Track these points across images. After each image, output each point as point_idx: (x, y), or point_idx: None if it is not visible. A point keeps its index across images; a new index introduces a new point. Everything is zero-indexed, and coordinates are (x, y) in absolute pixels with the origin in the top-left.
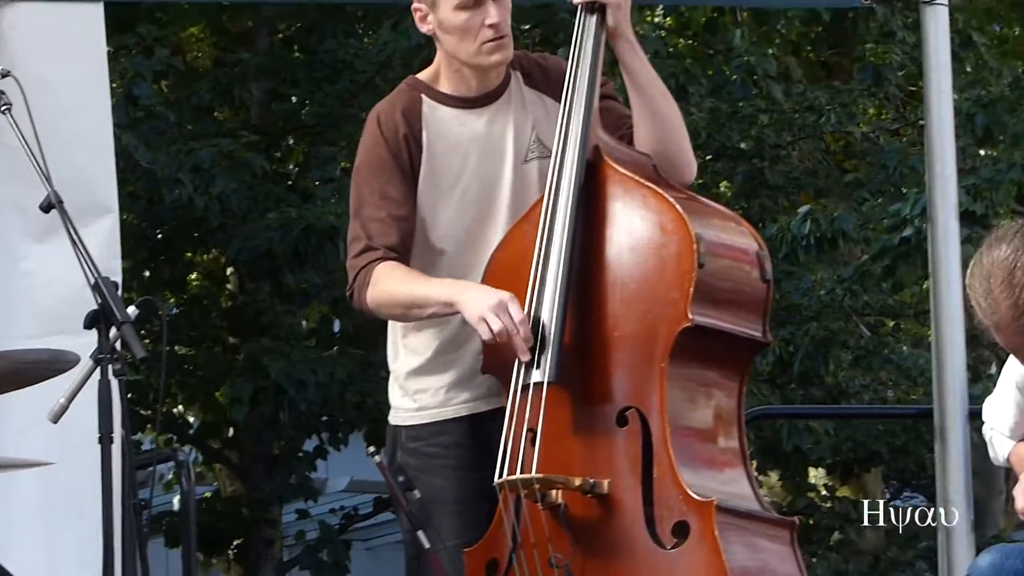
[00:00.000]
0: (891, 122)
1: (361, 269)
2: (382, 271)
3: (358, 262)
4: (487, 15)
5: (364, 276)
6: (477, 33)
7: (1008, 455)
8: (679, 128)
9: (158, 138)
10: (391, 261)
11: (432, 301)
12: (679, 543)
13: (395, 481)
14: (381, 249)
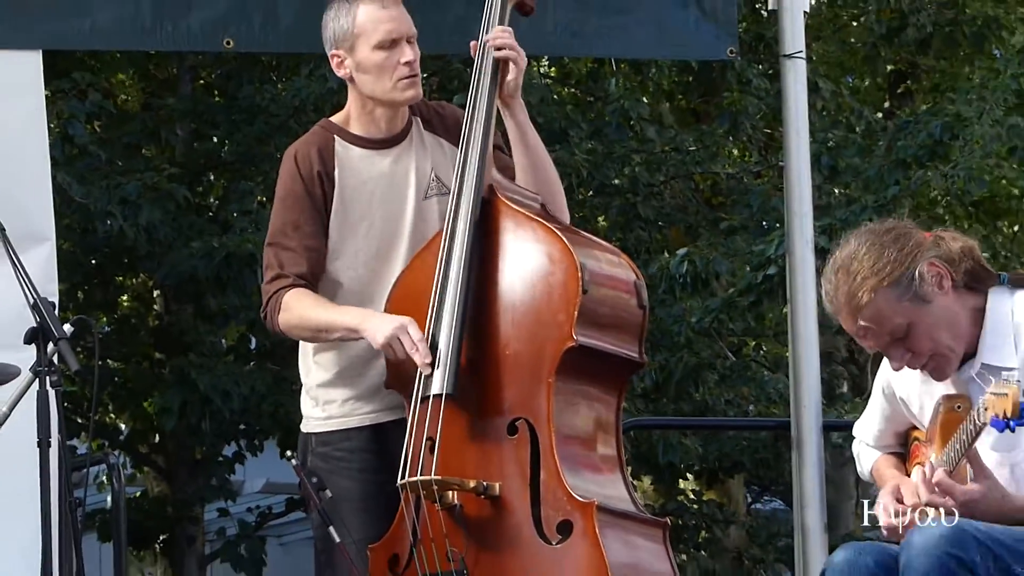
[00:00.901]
0: (754, 164)
1: (273, 294)
2: (292, 298)
3: (270, 288)
4: (403, 54)
5: (275, 301)
6: (393, 71)
7: (871, 470)
8: (555, 182)
9: (92, 173)
10: (300, 288)
11: (338, 327)
12: (563, 540)
13: (308, 482)
14: (291, 277)
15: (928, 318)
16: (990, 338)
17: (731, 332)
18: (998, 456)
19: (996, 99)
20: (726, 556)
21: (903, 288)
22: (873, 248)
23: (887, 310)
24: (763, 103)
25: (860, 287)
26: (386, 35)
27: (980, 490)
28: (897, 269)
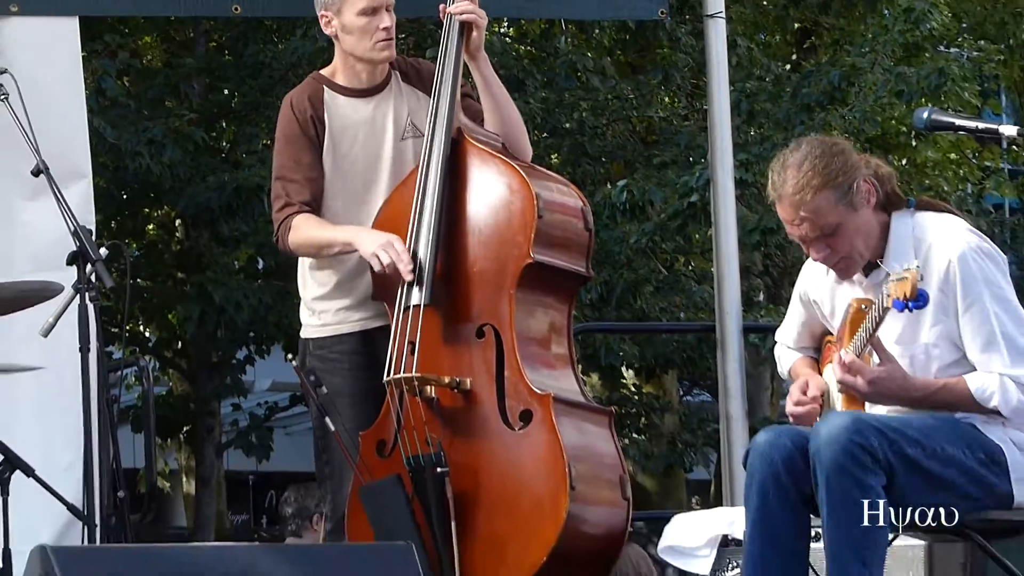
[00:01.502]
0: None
1: (283, 220)
2: (299, 221)
3: (280, 215)
4: (381, 20)
5: (285, 225)
6: (373, 34)
7: (789, 370)
8: (518, 123)
9: (122, 121)
10: (305, 213)
11: (337, 242)
12: (524, 426)
13: (307, 380)
14: (297, 204)
15: (852, 224)
16: (894, 250)
17: (664, 251)
18: (900, 348)
19: (885, 51)
20: (662, 440)
21: (842, 194)
22: (824, 156)
23: (825, 208)
24: (689, 57)
25: (808, 184)
26: (367, 4)
27: (885, 370)
28: (841, 177)
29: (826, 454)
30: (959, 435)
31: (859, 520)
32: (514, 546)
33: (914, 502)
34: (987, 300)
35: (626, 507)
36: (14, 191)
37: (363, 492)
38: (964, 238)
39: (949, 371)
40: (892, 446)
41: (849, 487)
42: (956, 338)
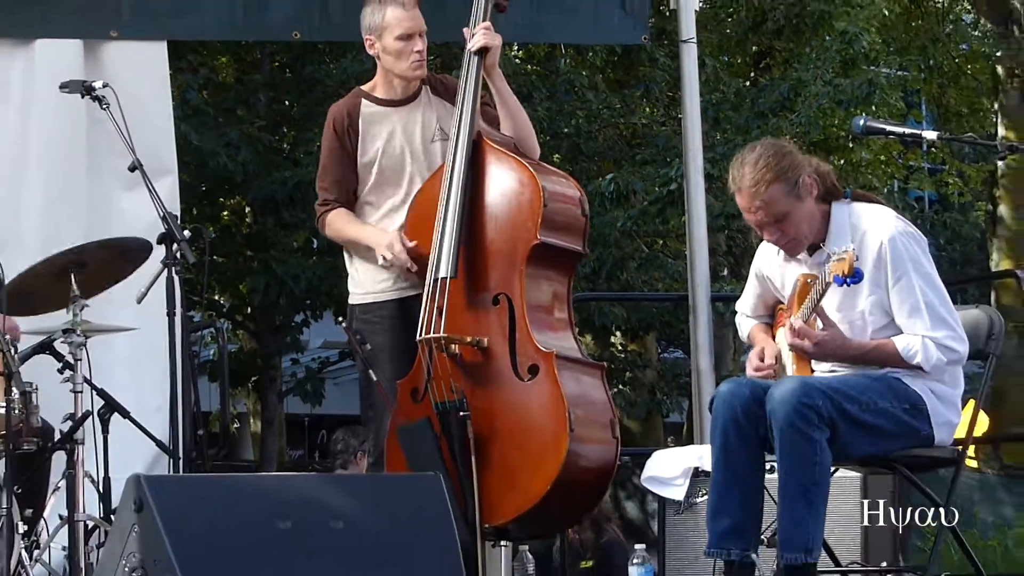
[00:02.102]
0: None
1: (322, 214)
2: (333, 216)
3: (319, 210)
4: (415, 45)
5: (322, 220)
6: (408, 56)
7: (747, 335)
8: (528, 126)
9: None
10: (340, 209)
11: (360, 240)
12: (532, 378)
13: (354, 339)
14: (331, 203)
15: (799, 212)
16: (834, 234)
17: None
18: (840, 315)
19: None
20: (644, 390)
21: (790, 187)
22: (775, 156)
23: (776, 198)
24: (666, 74)
25: (763, 178)
26: (404, 31)
27: (829, 333)
28: (789, 173)
29: (779, 413)
30: (889, 390)
31: (806, 467)
32: (524, 477)
33: (854, 449)
34: (912, 275)
35: (615, 445)
36: (114, 184)
37: (399, 432)
38: (892, 224)
39: (881, 333)
40: (834, 404)
41: (798, 441)
42: (887, 306)
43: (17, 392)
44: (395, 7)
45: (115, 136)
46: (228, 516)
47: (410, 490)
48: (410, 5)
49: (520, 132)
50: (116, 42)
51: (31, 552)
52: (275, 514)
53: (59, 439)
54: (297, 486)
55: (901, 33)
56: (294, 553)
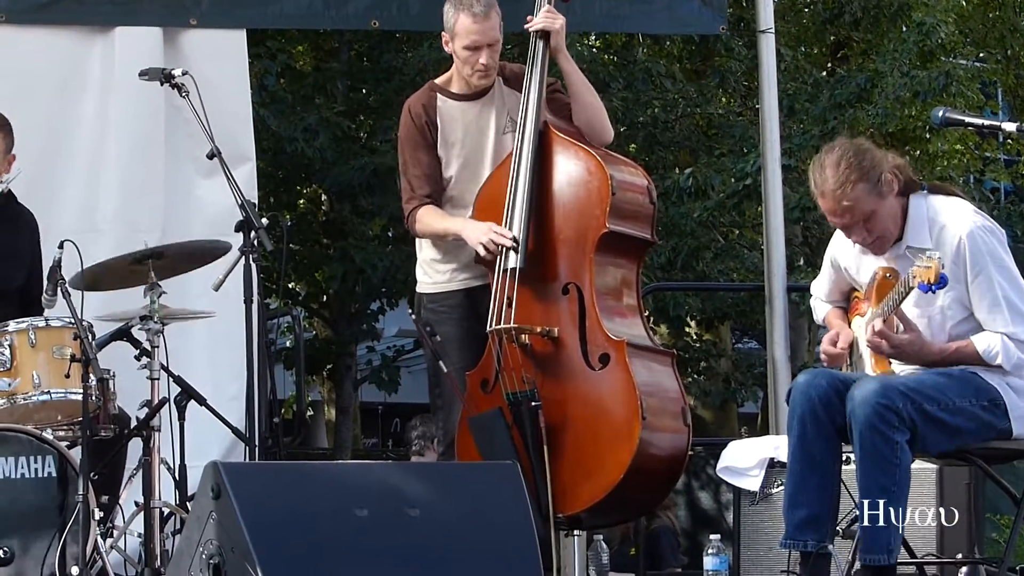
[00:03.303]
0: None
1: (410, 212)
2: (422, 214)
3: (408, 207)
4: (480, 57)
5: (412, 217)
6: (473, 66)
7: (823, 318)
8: (600, 110)
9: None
10: (427, 205)
11: (451, 232)
12: (603, 367)
13: (423, 330)
14: (419, 198)
15: (883, 209)
16: (912, 229)
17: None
18: (918, 311)
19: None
20: (718, 379)
21: (873, 185)
22: (855, 155)
23: (862, 199)
24: (743, 64)
25: (846, 181)
26: (471, 43)
27: (908, 338)
28: (871, 172)
29: (859, 414)
30: (967, 387)
31: (887, 469)
32: (596, 466)
33: (933, 447)
34: (992, 270)
35: (687, 433)
36: (192, 171)
37: (471, 422)
38: (971, 218)
39: (960, 327)
40: (914, 404)
41: (879, 442)
42: (966, 301)
43: (94, 379)
44: (466, 16)
45: (193, 124)
46: (305, 503)
47: (486, 478)
48: (481, 17)
49: (590, 112)
50: (195, 30)
51: (107, 538)
52: (352, 502)
53: (135, 426)
54: (374, 474)
55: (978, 24)
56: (371, 541)
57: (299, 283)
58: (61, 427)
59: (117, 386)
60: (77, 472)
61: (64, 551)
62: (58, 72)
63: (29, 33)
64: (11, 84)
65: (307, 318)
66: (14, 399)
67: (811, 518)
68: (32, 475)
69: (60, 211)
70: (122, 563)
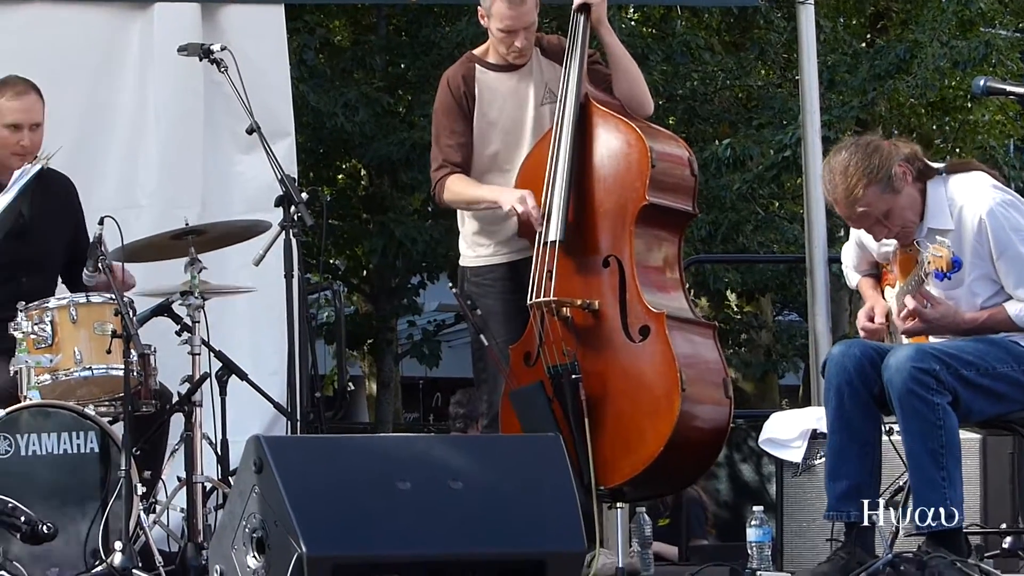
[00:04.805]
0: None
1: (439, 180)
2: (452, 181)
3: (436, 175)
4: (517, 39)
5: (440, 184)
6: (509, 46)
7: (856, 285)
8: (640, 82)
9: (319, 89)
10: (457, 174)
11: (483, 200)
12: (643, 339)
13: (464, 304)
14: (449, 166)
15: (899, 204)
16: (931, 212)
17: (761, 196)
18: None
19: (942, 29)
20: (759, 351)
21: (884, 184)
22: (861, 158)
23: (875, 200)
24: (782, 36)
25: (855, 186)
26: (506, 27)
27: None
28: (880, 171)
29: (896, 381)
30: (1006, 353)
31: (931, 432)
32: (637, 438)
33: (974, 413)
34: (1016, 244)
35: (729, 405)
36: (231, 146)
37: (512, 395)
38: (989, 195)
39: (992, 301)
40: (950, 370)
41: (919, 406)
42: (993, 276)
43: (136, 355)
44: (502, 1)
45: (232, 99)
46: (348, 477)
47: (530, 451)
48: (517, 3)
49: (630, 83)
50: (234, 5)
51: (149, 513)
52: (395, 475)
53: (177, 401)
54: (417, 446)
55: None
56: (414, 513)
57: (339, 258)
58: (103, 403)
59: (158, 361)
60: (119, 448)
61: (107, 527)
62: (97, 49)
63: (68, 10)
64: (51, 62)
65: (347, 293)
66: (56, 375)
67: (853, 488)
68: (74, 451)
69: (100, 187)
70: (165, 538)
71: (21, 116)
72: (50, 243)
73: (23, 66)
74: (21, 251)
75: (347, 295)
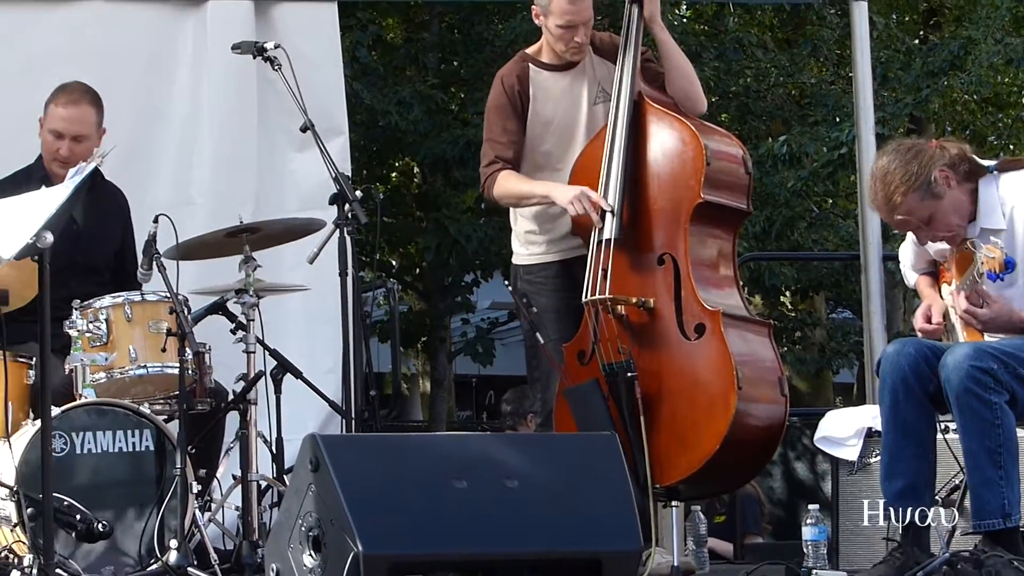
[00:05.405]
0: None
1: (489, 175)
2: (503, 176)
3: (487, 171)
4: (576, 35)
5: (491, 179)
6: (567, 43)
7: (914, 283)
8: (694, 79)
9: (372, 86)
10: (508, 170)
11: (535, 195)
12: (699, 337)
13: (520, 301)
14: (501, 162)
15: (942, 208)
16: (983, 212)
17: (816, 193)
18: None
19: (995, 26)
20: (813, 349)
21: (924, 190)
22: (900, 164)
23: (915, 207)
24: (835, 32)
25: (894, 193)
26: (566, 23)
27: (994, 311)
28: (919, 178)
29: (954, 380)
30: None
31: (989, 431)
32: (692, 436)
33: None
34: None
35: (784, 403)
36: (285, 144)
37: (567, 394)
38: None
39: None
40: (1008, 369)
41: (976, 405)
42: None
43: (190, 353)
44: None
45: (286, 97)
46: (404, 475)
47: (585, 449)
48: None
49: (684, 81)
50: (287, 3)
51: (204, 511)
52: (451, 473)
53: (232, 399)
54: (472, 445)
55: None
56: (470, 512)
57: (392, 256)
58: (158, 401)
59: (213, 360)
60: (175, 446)
61: (162, 525)
62: (151, 47)
63: (122, 8)
64: (104, 59)
65: (401, 291)
66: (111, 373)
67: (909, 487)
68: (130, 449)
69: (154, 185)
70: (220, 536)
71: (64, 125)
72: (100, 249)
73: (77, 64)
74: (73, 255)
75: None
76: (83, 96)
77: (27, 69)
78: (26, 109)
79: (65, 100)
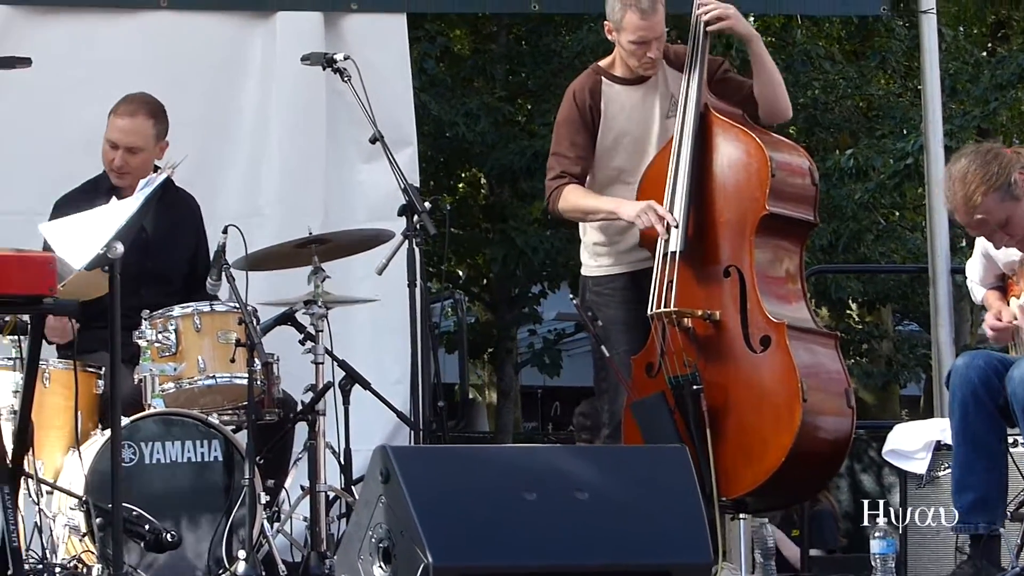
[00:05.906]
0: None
1: (555, 188)
2: (569, 190)
3: (552, 184)
4: (648, 50)
5: (557, 193)
6: (640, 58)
7: (982, 299)
8: (782, 87)
9: (439, 98)
10: (574, 184)
11: (601, 211)
12: (765, 349)
13: (585, 315)
14: (567, 176)
15: (1019, 211)
16: None
17: (883, 206)
18: None
19: None
20: (880, 361)
21: (1004, 192)
22: (980, 165)
23: (993, 208)
24: (903, 44)
25: (974, 193)
26: (638, 39)
27: None
28: (999, 179)
29: (1020, 393)
30: None
31: None
32: (758, 449)
33: None
34: None
35: (851, 415)
36: (354, 155)
37: (634, 406)
38: None
39: None
40: None
41: None
42: None
43: (259, 363)
44: (634, 13)
45: (355, 108)
46: (474, 487)
47: (655, 461)
48: (649, 13)
49: (776, 96)
50: (356, 14)
51: (273, 522)
52: (521, 485)
53: (301, 410)
54: (542, 457)
55: None
56: (540, 524)
57: (460, 267)
58: (226, 411)
59: (282, 370)
60: (243, 456)
61: (230, 535)
62: (219, 58)
63: (190, 19)
64: (173, 70)
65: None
66: (180, 384)
67: (980, 500)
68: (198, 459)
69: (223, 196)
70: (288, 547)
71: (118, 136)
72: (171, 258)
73: (147, 74)
74: (143, 264)
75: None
76: (141, 108)
77: (93, 77)
78: (93, 118)
79: (123, 111)
